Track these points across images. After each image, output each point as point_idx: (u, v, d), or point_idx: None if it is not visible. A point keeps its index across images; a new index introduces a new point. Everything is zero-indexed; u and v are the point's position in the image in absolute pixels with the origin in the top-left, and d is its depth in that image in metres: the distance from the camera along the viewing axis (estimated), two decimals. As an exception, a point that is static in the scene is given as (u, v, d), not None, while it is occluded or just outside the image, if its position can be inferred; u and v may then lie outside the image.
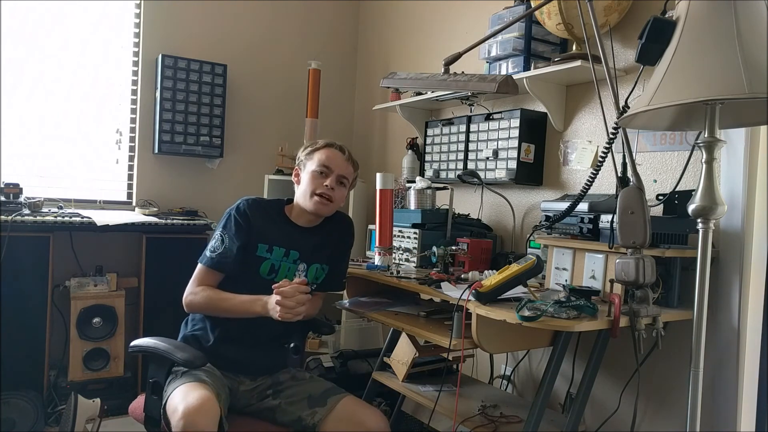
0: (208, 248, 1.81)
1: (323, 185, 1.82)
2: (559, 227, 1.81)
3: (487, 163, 2.32)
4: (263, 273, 1.80)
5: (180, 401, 1.50)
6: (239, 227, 1.79)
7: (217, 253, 1.78)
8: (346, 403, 1.71)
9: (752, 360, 1.65)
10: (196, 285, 1.78)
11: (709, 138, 1.32)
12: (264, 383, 1.81)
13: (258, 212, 1.83)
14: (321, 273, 1.91)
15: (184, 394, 1.52)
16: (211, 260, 1.78)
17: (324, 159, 1.84)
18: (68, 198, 2.82)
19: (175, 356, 1.59)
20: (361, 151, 3.53)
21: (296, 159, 1.94)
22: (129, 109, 3.02)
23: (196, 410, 1.45)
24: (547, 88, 2.15)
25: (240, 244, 1.78)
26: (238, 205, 1.83)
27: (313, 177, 1.83)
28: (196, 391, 1.52)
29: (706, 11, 1.26)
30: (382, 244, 2.16)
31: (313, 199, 1.82)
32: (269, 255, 1.81)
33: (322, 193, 1.81)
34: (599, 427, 1.95)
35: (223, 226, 1.81)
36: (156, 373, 1.64)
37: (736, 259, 1.64)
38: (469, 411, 1.89)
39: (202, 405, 1.47)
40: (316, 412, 1.69)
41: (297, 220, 1.88)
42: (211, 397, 1.52)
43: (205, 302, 1.75)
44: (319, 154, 1.85)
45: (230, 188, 3.20)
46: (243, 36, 3.26)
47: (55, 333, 2.61)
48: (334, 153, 1.86)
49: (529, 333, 1.59)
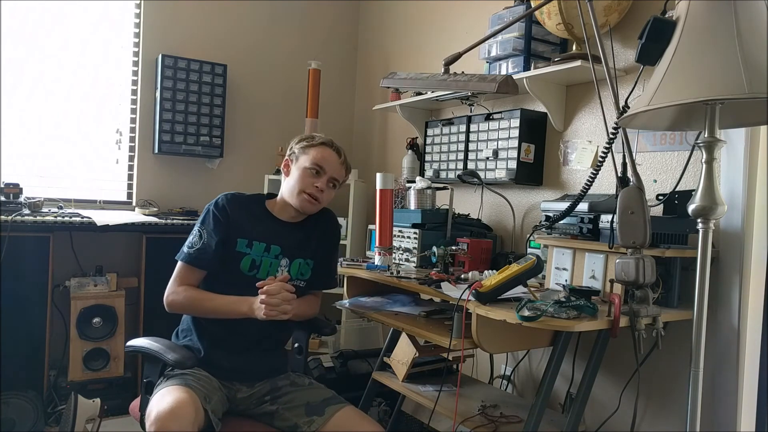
0: (186, 244, 1.76)
1: (314, 186, 1.78)
2: (559, 227, 1.81)
3: (487, 163, 2.33)
4: (244, 269, 1.76)
5: (154, 405, 1.49)
6: (217, 222, 1.75)
7: (195, 248, 1.73)
8: (345, 414, 1.67)
9: (752, 360, 1.65)
10: (178, 284, 1.73)
11: (709, 138, 1.32)
12: (262, 389, 1.78)
13: (237, 207, 1.79)
14: (306, 268, 1.86)
15: (160, 398, 1.51)
16: (189, 256, 1.74)
17: (319, 158, 1.79)
18: (68, 198, 2.82)
19: (165, 357, 1.58)
20: (361, 151, 3.54)
21: (288, 148, 1.88)
22: (129, 109, 3.02)
23: (167, 415, 1.43)
24: (547, 88, 2.15)
25: (218, 239, 1.74)
26: (217, 201, 1.80)
27: (304, 174, 1.78)
28: (172, 395, 1.50)
29: (706, 11, 1.26)
30: (382, 244, 2.16)
31: (300, 197, 1.78)
32: (249, 250, 1.77)
33: (311, 193, 1.78)
34: (599, 427, 1.95)
35: (201, 222, 1.77)
36: (150, 373, 1.66)
37: (736, 259, 1.64)
38: (469, 411, 1.89)
39: (173, 410, 1.44)
40: (314, 420, 1.65)
41: (279, 214, 1.85)
42: (187, 400, 1.48)
43: (188, 302, 1.71)
44: (315, 151, 1.80)
45: (230, 188, 3.13)
46: (243, 36, 3.26)
47: (55, 333, 2.61)
48: (330, 154, 1.81)
49: (529, 333, 1.59)
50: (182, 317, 1.83)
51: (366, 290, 2.19)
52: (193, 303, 1.72)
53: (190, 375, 1.64)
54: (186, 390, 1.54)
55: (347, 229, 3.08)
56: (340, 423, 1.65)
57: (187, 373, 1.64)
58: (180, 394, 1.50)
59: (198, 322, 1.77)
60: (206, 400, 1.58)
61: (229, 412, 1.73)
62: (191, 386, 1.58)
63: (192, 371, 1.65)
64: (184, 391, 1.53)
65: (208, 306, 1.71)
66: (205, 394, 1.59)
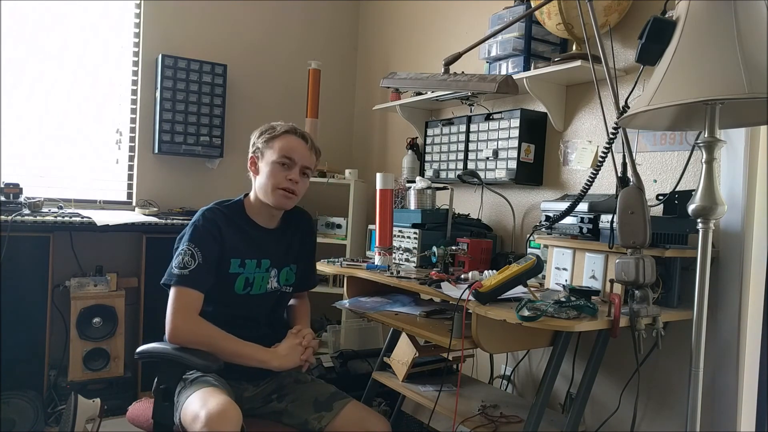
0: (174, 265, 1.59)
1: (287, 179, 1.68)
2: (559, 227, 1.81)
3: (487, 163, 2.33)
4: (238, 289, 1.71)
5: (200, 407, 1.44)
6: (213, 238, 1.64)
7: (190, 269, 1.58)
8: (352, 408, 1.70)
9: (752, 360, 1.65)
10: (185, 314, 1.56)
11: (709, 138, 1.32)
12: (267, 387, 1.78)
13: (224, 222, 1.68)
14: (290, 274, 1.84)
15: (203, 400, 1.47)
16: (186, 279, 1.57)
17: (287, 149, 1.69)
18: (68, 198, 2.82)
19: (192, 361, 1.51)
20: (361, 151, 3.54)
21: (251, 144, 1.75)
22: (129, 109, 3.02)
23: (218, 416, 1.40)
24: (547, 88, 2.15)
25: (214, 257, 1.63)
26: (204, 215, 1.67)
27: (274, 169, 1.68)
28: (216, 396, 1.47)
29: (706, 11, 1.26)
30: (382, 244, 2.16)
31: (276, 194, 1.69)
32: (242, 270, 1.70)
33: (286, 187, 1.68)
34: (599, 427, 1.95)
35: (190, 239, 1.62)
36: (167, 378, 1.56)
37: (736, 259, 1.64)
38: (469, 411, 1.89)
39: (224, 410, 1.42)
40: (323, 416, 1.67)
41: (257, 218, 1.76)
42: (232, 401, 1.47)
43: (206, 340, 1.57)
44: (280, 142, 1.69)
45: (230, 188, 3.19)
46: (243, 36, 3.26)
47: (55, 333, 2.61)
48: (297, 142, 1.70)
49: (529, 333, 1.59)
50: None
51: (366, 290, 2.19)
52: (211, 342, 1.57)
53: (212, 378, 1.61)
54: (223, 392, 1.52)
55: (347, 229, 3.08)
56: (348, 417, 1.67)
57: (209, 377, 1.61)
58: (222, 396, 1.48)
59: None
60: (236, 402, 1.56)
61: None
62: (224, 389, 1.56)
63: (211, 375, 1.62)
64: (223, 393, 1.51)
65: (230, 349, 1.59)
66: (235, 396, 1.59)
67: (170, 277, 1.60)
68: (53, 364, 2.61)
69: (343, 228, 3.10)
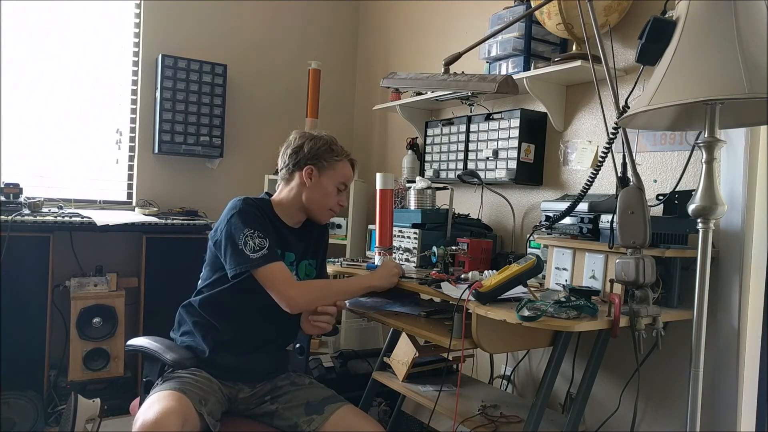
0: (249, 252, 1.62)
1: (338, 204, 1.86)
2: (559, 227, 1.81)
3: (487, 163, 2.33)
4: None
5: (145, 410, 1.47)
6: (263, 222, 1.71)
7: (266, 247, 1.64)
8: (344, 413, 1.69)
9: (752, 360, 1.65)
10: (293, 281, 1.71)
11: (709, 138, 1.32)
12: (263, 389, 1.78)
13: (260, 212, 1.75)
14: (310, 269, 1.92)
15: (148, 405, 1.49)
16: (269, 257, 1.64)
17: (348, 177, 1.87)
18: (68, 198, 2.82)
19: (164, 357, 1.59)
20: (361, 151, 3.54)
21: (310, 151, 1.81)
22: (129, 109, 3.02)
23: (153, 424, 1.41)
24: (547, 88, 2.15)
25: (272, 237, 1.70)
26: (245, 201, 1.73)
27: (332, 192, 1.83)
28: (160, 403, 1.48)
29: (706, 11, 1.26)
30: (382, 244, 2.16)
31: (325, 212, 1.85)
32: None
33: (335, 209, 1.86)
34: (599, 427, 1.95)
35: (246, 225, 1.66)
36: (149, 372, 1.67)
37: (736, 259, 1.64)
38: (469, 411, 1.89)
39: (159, 420, 1.42)
40: (313, 419, 1.66)
41: (285, 217, 1.84)
42: (174, 410, 1.46)
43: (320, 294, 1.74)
44: (343, 167, 1.86)
45: (230, 188, 3.20)
46: (243, 36, 3.26)
47: (55, 333, 2.61)
48: (352, 172, 1.90)
49: (529, 333, 1.59)
50: (181, 319, 1.81)
51: (366, 290, 2.18)
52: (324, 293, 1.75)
53: (188, 376, 1.63)
54: (177, 397, 1.51)
55: (347, 229, 3.08)
56: (340, 421, 1.66)
57: (185, 374, 1.63)
58: (168, 403, 1.48)
59: (200, 323, 1.76)
60: (201, 402, 1.56)
61: (229, 411, 1.73)
62: (185, 390, 1.56)
63: (191, 372, 1.64)
64: (174, 399, 1.50)
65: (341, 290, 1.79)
66: (201, 397, 1.58)
67: (250, 263, 1.62)
68: (53, 364, 2.60)
69: (343, 228, 3.10)
